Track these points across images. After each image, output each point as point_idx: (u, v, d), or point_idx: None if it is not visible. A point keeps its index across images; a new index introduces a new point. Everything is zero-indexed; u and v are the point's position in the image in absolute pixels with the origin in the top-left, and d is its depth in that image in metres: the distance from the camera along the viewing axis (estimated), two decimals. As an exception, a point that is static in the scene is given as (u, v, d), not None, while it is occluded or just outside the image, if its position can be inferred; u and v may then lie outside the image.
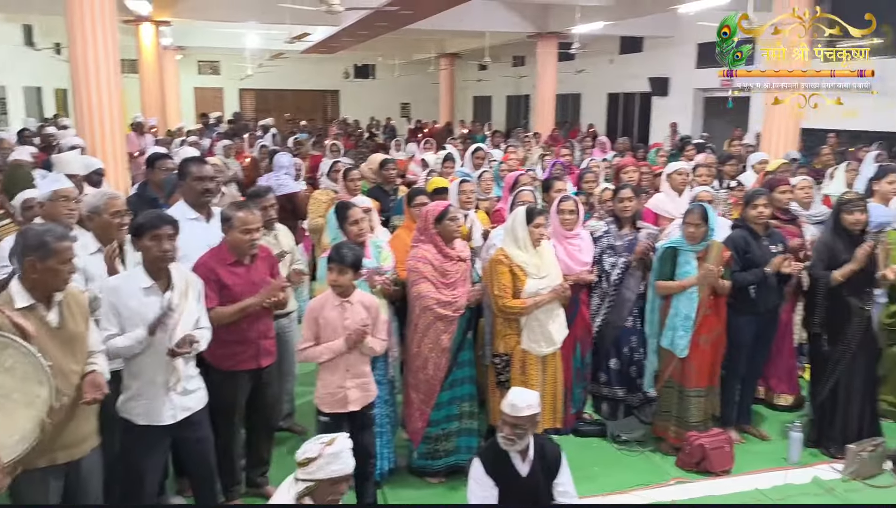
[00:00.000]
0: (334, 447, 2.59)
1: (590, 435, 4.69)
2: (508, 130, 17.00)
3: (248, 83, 24.99)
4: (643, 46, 18.33)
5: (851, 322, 4.36)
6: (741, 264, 4.35)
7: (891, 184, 5.25)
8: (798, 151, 9.72)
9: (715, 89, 16.32)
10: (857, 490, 4.04)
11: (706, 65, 16.26)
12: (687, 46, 16.39)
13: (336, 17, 11.69)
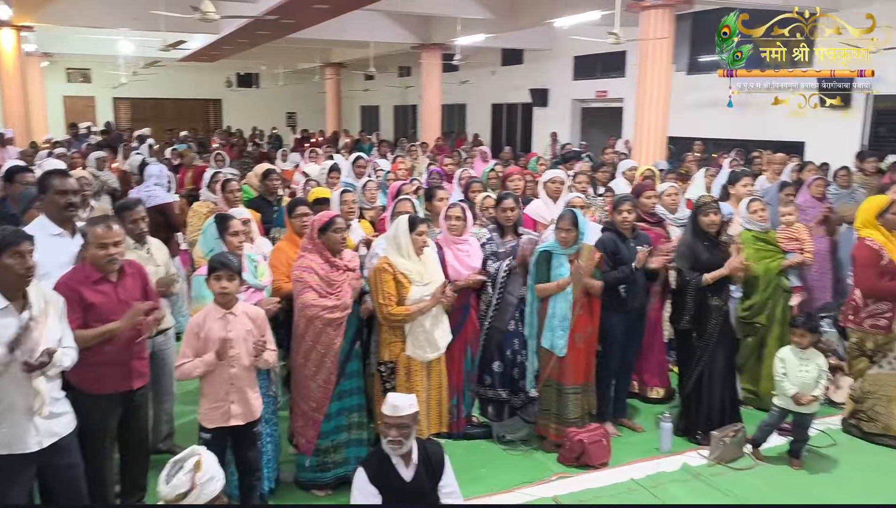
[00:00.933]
0: (203, 472, 2.49)
1: (477, 437, 4.79)
2: (396, 140, 17.10)
3: (123, 92, 23.81)
4: (524, 59, 18.94)
5: (712, 318, 4.68)
6: (611, 265, 4.59)
7: (745, 187, 5.69)
8: (665, 160, 10.37)
9: (590, 100, 17.15)
10: (721, 474, 4.34)
11: (582, 77, 17.04)
12: (564, 59, 17.08)
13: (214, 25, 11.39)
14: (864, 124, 10.90)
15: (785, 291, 5.23)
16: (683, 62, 13.85)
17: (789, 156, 8.96)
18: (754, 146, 10.85)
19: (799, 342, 4.39)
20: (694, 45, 13.85)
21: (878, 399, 4.69)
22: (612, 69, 15.74)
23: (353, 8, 11.88)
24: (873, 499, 4.04)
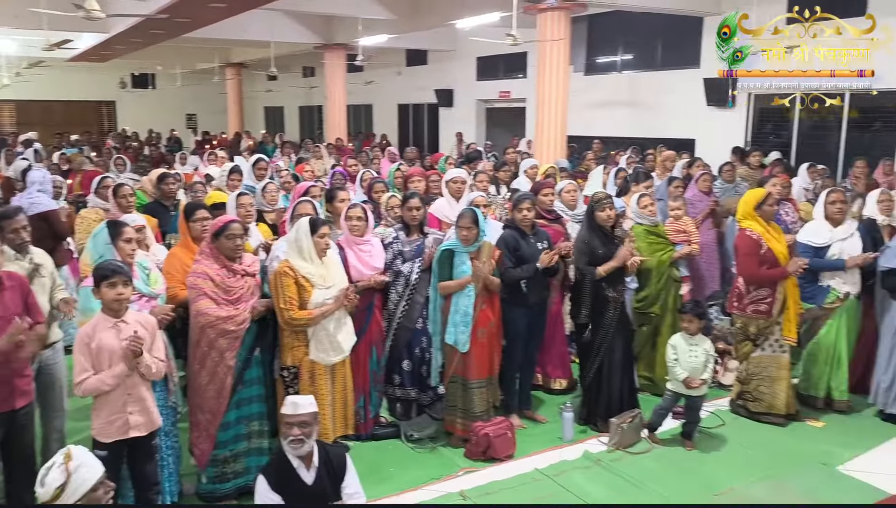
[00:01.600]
0: (74, 460, 2.44)
1: (385, 437, 4.80)
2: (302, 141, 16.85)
3: (6, 94, 22.35)
4: (428, 59, 19.05)
5: (609, 309, 4.86)
6: (512, 262, 4.70)
7: (646, 186, 5.98)
8: (567, 158, 10.67)
9: (494, 100, 17.44)
10: (620, 459, 4.51)
11: (485, 77, 17.30)
12: (467, 60, 17.30)
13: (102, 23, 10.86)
14: (748, 122, 11.57)
15: (675, 281, 5.50)
16: (581, 63, 14.30)
17: (679, 153, 9.41)
18: (649, 144, 11.31)
19: (687, 328, 4.62)
20: (590, 47, 14.32)
21: (762, 380, 4.99)
22: (514, 70, 16.07)
23: (250, 7, 11.62)
24: (758, 474, 4.31)
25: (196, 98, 26.69)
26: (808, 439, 4.79)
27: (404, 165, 8.39)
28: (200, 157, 11.59)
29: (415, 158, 10.94)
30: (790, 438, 4.80)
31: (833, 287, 5.10)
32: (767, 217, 5.01)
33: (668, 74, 12.69)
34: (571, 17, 10.68)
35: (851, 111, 10.38)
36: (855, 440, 4.72)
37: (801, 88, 6.39)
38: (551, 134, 10.70)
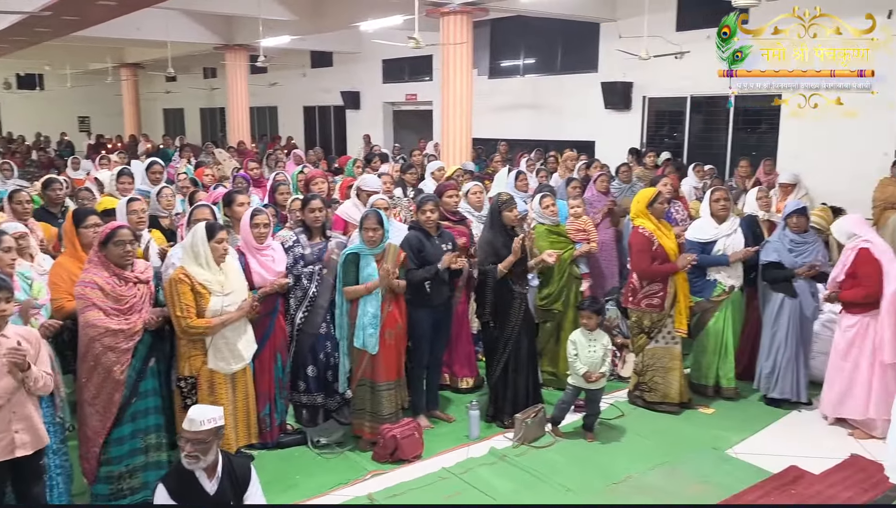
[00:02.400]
0: None
1: (291, 445, 4.72)
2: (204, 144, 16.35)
3: None
4: (333, 61, 18.87)
5: (513, 306, 4.96)
6: (417, 263, 4.73)
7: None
8: (472, 161, 10.83)
9: (401, 103, 17.47)
10: (525, 453, 4.61)
11: (391, 80, 17.31)
12: (373, 62, 17.25)
13: (-20, 19, 10.20)
14: (643, 125, 12.07)
15: (576, 278, 5.68)
16: (485, 67, 14.53)
17: (578, 154, 9.72)
18: (553, 146, 11.63)
19: (587, 323, 4.78)
20: (494, 51, 14.57)
21: (657, 371, 5.22)
22: (420, 73, 16.15)
23: (142, 6, 11.17)
24: (655, 461, 4.50)
25: (89, 100, 25.43)
26: (699, 425, 5.04)
27: (308, 167, 8.28)
28: (93, 161, 11.06)
29: (318, 161, 10.82)
30: (684, 425, 5.04)
31: (719, 281, 5.38)
32: (658, 215, 5.24)
33: (568, 77, 13.08)
34: (474, 21, 10.84)
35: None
36: (742, 425, 5.01)
37: (800, 87, 6.40)
38: (457, 136, 10.83)
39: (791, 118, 10.08)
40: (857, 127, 9.22)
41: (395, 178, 7.88)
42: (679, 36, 10.96)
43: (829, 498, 3.88)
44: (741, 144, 10.92)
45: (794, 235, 5.22)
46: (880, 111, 8.51)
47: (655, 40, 10.61)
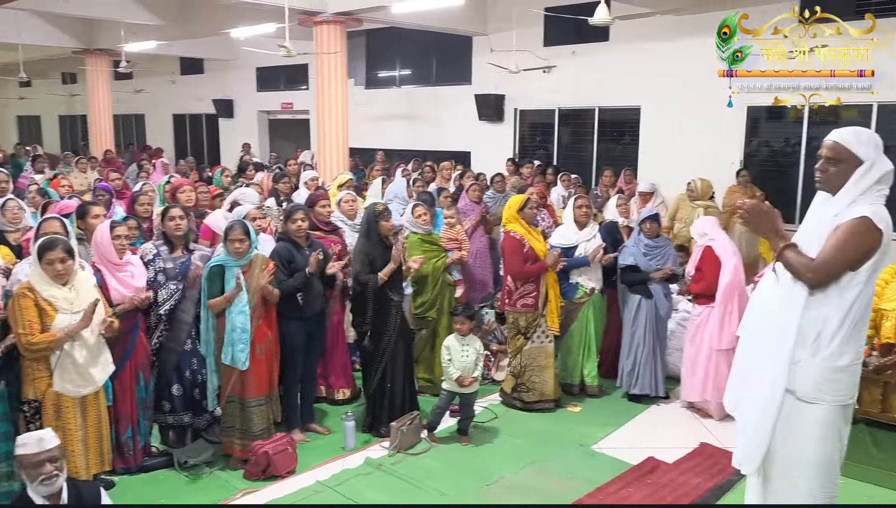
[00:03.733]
0: None
1: (157, 468, 4.51)
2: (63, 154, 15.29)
3: None
4: (204, 68, 18.24)
5: (390, 315, 4.98)
6: (287, 274, 4.65)
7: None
8: (349, 170, 10.77)
9: (277, 112, 17.14)
10: (401, 461, 4.63)
11: (266, 88, 16.95)
12: (247, 70, 16.81)
13: None
14: (516, 135, 12.47)
15: (450, 285, 5.78)
16: (362, 77, 14.52)
17: (454, 164, 9.91)
18: (431, 156, 11.78)
19: (459, 329, 4.88)
20: (370, 61, 14.59)
21: (534, 370, 5.39)
22: (296, 81, 15.90)
23: (-10, 4, 10.38)
24: (526, 460, 4.64)
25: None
26: (567, 423, 5.25)
27: (175, 177, 7.96)
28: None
29: (188, 170, 10.42)
30: (553, 424, 5.24)
31: (581, 284, 5.64)
32: (528, 220, 5.45)
33: (444, 89, 13.30)
34: (348, 31, 10.82)
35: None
36: (606, 421, 5.26)
37: (800, 87, 6.40)
38: (333, 146, 10.75)
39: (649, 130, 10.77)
40: (707, 138, 9.99)
41: (269, 187, 7.74)
42: (546, 51, 11.43)
43: (680, 485, 4.15)
44: (606, 154, 11.50)
45: (648, 240, 5.56)
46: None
47: (524, 55, 11.01)
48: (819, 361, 2.73)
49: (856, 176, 2.72)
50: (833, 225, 2.71)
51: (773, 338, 2.81)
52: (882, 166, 2.73)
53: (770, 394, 2.80)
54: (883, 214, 2.70)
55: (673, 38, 10.16)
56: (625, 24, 10.11)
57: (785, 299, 2.79)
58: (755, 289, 3.03)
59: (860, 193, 2.72)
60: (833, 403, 2.77)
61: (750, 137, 10.00)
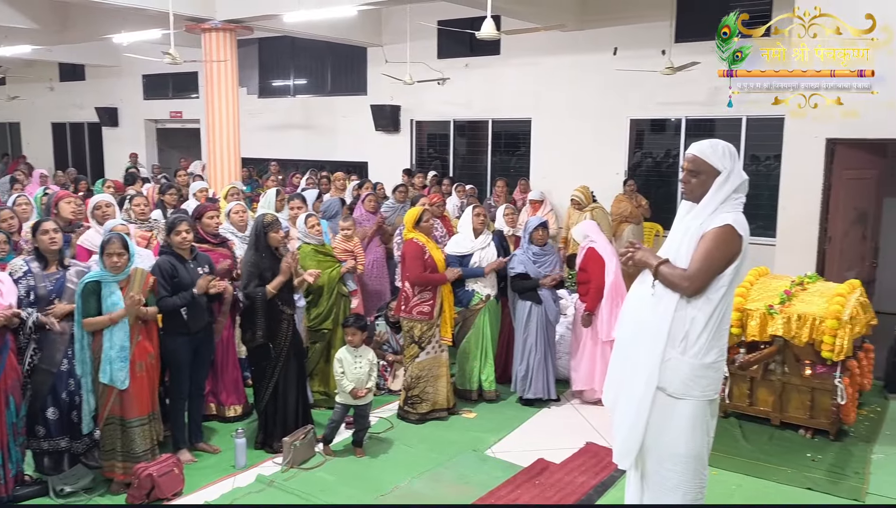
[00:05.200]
0: None
1: (30, 497, 4.24)
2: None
3: None
4: (86, 75, 17.34)
5: (281, 329, 4.89)
6: (170, 289, 4.49)
7: (293, 208, 6.21)
8: (242, 181, 10.53)
9: (166, 121, 16.52)
10: (294, 476, 4.55)
11: (154, 96, 16.31)
12: (133, 78, 16.12)
13: None
14: (412, 146, 12.56)
15: (344, 296, 5.74)
16: (254, 85, 14.24)
17: (350, 174, 9.87)
18: (328, 166, 11.68)
19: (351, 340, 4.86)
20: (263, 70, 14.31)
21: (427, 381, 5.43)
22: (186, 89, 15.38)
23: None
24: (420, 469, 4.66)
25: None
26: (462, 429, 5.32)
27: (52, 189, 7.53)
28: None
29: (67, 182, 9.88)
30: (448, 431, 5.29)
31: (476, 291, 5.75)
32: (426, 232, 5.51)
33: (339, 99, 13.23)
34: (238, 38, 10.59)
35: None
36: (500, 425, 5.37)
37: (800, 87, 6.20)
38: (225, 156, 10.48)
39: (539, 142, 11.12)
40: (595, 149, 10.41)
41: (154, 199, 7.45)
42: (440, 63, 11.59)
43: (567, 484, 4.29)
44: (501, 165, 11.77)
45: (536, 247, 5.74)
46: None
47: (419, 66, 11.12)
48: (687, 359, 2.91)
49: (715, 186, 2.93)
50: (699, 234, 2.90)
51: (645, 339, 2.97)
52: (738, 176, 2.94)
53: (643, 392, 2.96)
54: (742, 221, 2.91)
55: (561, 54, 10.56)
56: (515, 39, 10.42)
57: (656, 302, 2.95)
58: (629, 293, 3.18)
59: (721, 201, 2.92)
60: (700, 398, 2.95)
61: (635, 149, 10.50)
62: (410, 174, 10.64)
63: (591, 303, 5.59)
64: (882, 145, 7.09)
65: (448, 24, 10.37)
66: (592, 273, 5.61)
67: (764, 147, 9.13)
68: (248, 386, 5.56)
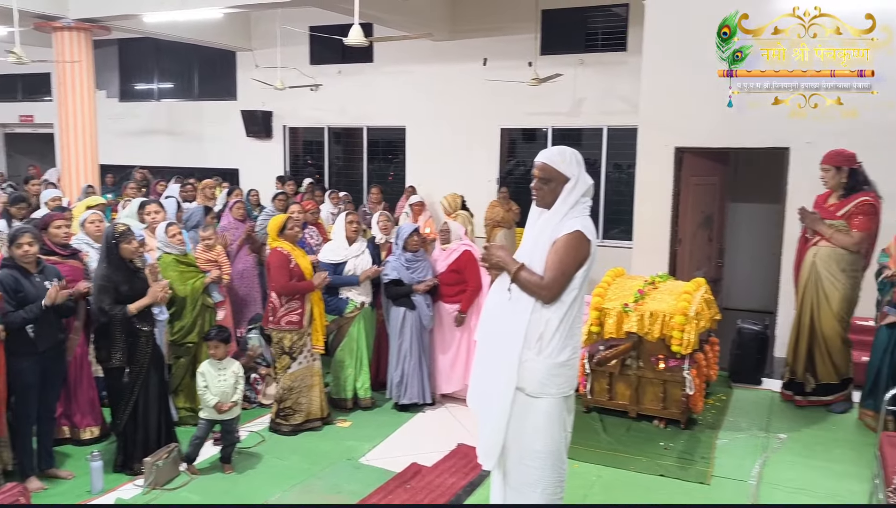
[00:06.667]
0: None
1: None
2: None
3: None
4: (-80, 74, 15.81)
5: (139, 346, 4.65)
6: (14, 305, 4.17)
7: (149, 214, 5.94)
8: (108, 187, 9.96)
9: (15, 125, 15.35)
10: (157, 498, 4.34)
11: (1, 98, 15.10)
12: (-25, 78, 14.89)
13: None
14: (286, 153, 12.34)
15: (209, 307, 5.55)
16: (115, 89, 13.52)
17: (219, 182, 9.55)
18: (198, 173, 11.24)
19: (214, 353, 4.70)
20: (124, 72, 13.62)
21: (300, 392, 5.33)
22: (37, 92, 14.35)
23: None
24: (293, 481, 4.57)
25: None
26: (337, 439, 5.27)
27: None
28: None
29: None
30: (322, 441, 5.23)
31: (351, 298, 5.73)
32: (291, 240, 5.41)
33: (208, 104, 12.82)
34: (94, 39, 10.02)
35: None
36: (375, 433, 5.36)
37: (800, 87, 6.30)
38: (81, 162, 9.87)
39: (414, 149, 11.23)
40: (468, 157, 10.65)
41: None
42: (313, 69, 11.48)
43: (437, 486, 4.35)
44: (378, 172, 11.79)
45: (409, 254, 5.79)
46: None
47: (291, 72, 10.97)
48: (543, 359, 3.03)
49: (565, 192, 3.06)
50: (551, 240, 3.03)
51: (503, 341, 3.07)
52: (585, 181, 3.10)
53: (503, 393, 3.05)
54: (590, 225, 3.07)
55: (433, 63, 10.74)
56: (388, 48, 10.50)
57: (513, 306, 3.06)
58: (487, 296, 3.28)
59: (570, 207, 3.06)
60: (556, 396, 3.08)
61: (508, 157, 10.83)
62: (283, 182, 10.46)
63: (466, 304, 5.71)
64: (724, 153, 7.71)
65: (319, 31, 10.30)
66: (470, 274, 5.74)
67: (625, 155, 9.68)
68: (106, 406, 5.26)
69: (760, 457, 4.87)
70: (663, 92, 7.06)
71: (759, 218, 8.51)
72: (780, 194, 6.77)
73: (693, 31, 6.81)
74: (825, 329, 5.56)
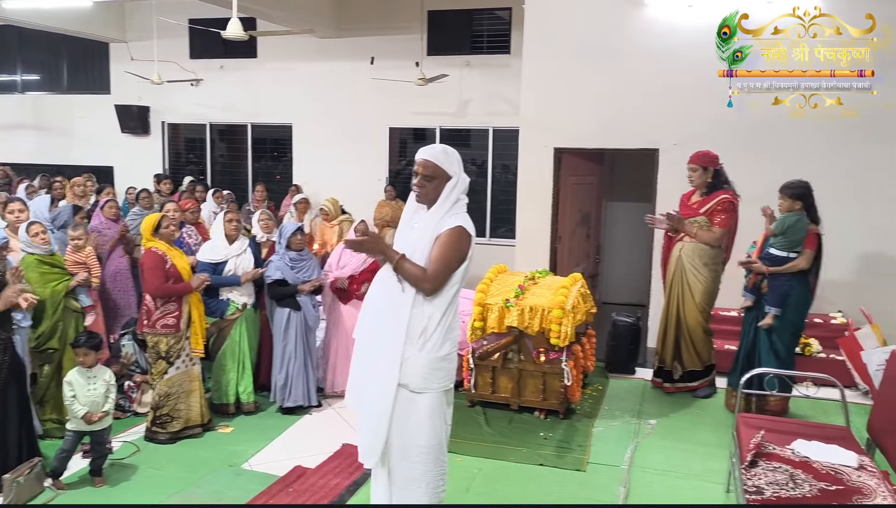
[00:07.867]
0: None
1: None
2: None
3: None
4: None
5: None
6: None
7: (12, 213, 5.56)
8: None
9: None
10: (18, 516, 4.08)
11: None
12: None
13: None
14: (164, 150, 11.83)
15: (76, 312, 5.24)
16: (-28, 81, 12.53)
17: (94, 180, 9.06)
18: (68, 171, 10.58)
19: (83, 361, 4.46)
20: (-16, 62, 12.65)
21: (178, 398, 5.13)
22: None
23: None
24: (171, 490, 4.40)
25: None
26: (218, 445, 5.11)
27: None
28: None
29: None
30: (202, 448, 5.06)
31: (232, 300, 5.58)
32: (167, 239, 5.19)
33: (78, 98, 12.10)
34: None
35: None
36: (258, 437, 5.24)
37: (800, 88, 6.15)
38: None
39: (301, 147, 11.06)
40: (357, 156, 10.60)
41: None
42: (193, 64, 11.08)
43: (320, 487, 4.32)
44: (264, 170, 11.51)
45: (293, 253, 5.70)
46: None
47: (169, 66, 10.53)
48: (425, 354, 3.07)
49: (447, 190, 3.12)
50: (434, 236, 3.07)
51: (385, 337, 3.09)
52: (464, 180, 3.17)
53: (385, 391, 3.07)
54: (469, 222, 3.15)
55: (319, 60, 10.61)
56: (272, 44, 10.28)
57: (394, 301, 3.08)
58: (367, 294, 3.28)
59: (451, 204, 3.13)
60: (438, 390, 3.14)
61: (399, 157, 10.85)
62: (159, 180, 10.03)
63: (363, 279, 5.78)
64: (600, 154, 8.07)
65: (198, 23, 9.93)
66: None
67: (510, 156, 9.93)
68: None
69: (632, 443, 5.14)
70: (542, 93, 7.30)
71: (633, 216, 8.97)
72: (651, 193, 7.16)
73: (571, 33, 7.08)
74: (689, 320, 5.94)
